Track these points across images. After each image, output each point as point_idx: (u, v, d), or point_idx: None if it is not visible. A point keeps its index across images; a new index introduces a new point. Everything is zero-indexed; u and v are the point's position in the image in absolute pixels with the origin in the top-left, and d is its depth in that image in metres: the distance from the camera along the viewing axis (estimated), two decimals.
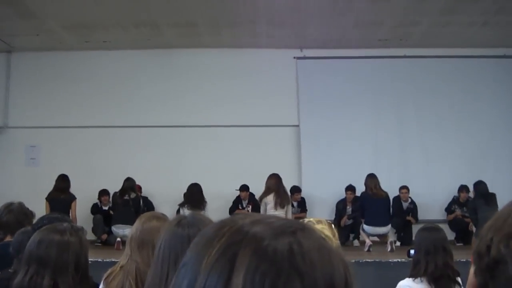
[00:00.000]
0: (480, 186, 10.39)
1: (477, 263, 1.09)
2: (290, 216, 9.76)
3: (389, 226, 10.06)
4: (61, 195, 9.87)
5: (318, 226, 2.68)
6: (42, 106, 11.93)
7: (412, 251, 4.05)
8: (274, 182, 9.95)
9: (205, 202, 10.25)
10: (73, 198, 9.92)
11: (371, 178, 10.24)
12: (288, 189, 10.48)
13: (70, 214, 9.61)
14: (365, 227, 9.95)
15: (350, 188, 10.98)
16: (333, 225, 2.97)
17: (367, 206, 10.03)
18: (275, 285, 0.72)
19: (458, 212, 11.07)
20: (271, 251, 0.75)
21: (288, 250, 0.75)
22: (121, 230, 9.89)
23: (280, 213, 9.51)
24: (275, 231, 0.78)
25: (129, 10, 10.05)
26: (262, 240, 0.76)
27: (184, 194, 10.46)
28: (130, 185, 10.50)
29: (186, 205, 10.09)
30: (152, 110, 11.91)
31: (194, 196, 10.23)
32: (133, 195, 10.42)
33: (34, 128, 11.90)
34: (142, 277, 2.59)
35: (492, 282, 1.05)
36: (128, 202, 10.30)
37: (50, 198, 9.80)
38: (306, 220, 2.82)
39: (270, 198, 9.76)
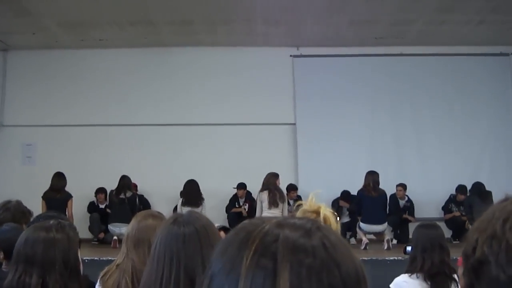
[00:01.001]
0: (476, 184, 10.47)
1: (464, 264, 1.11)
2: (286, 214, 9.75)
3: (386, 224, 10.07)
4: (57, 194, 9.82)
5: (322, 204, 2.67)
6: (38, 104, 11.92)
7: (409, 248, 4.06)
8: (270, 181, 9.93)
9: (202, 198, 10.24)
10: (69, 196, 9.87)
11: (372, 175, 10.19)
12: (284, 187, 10.48)
13: (67, 213, 9.58)
14: (362, 225, 9.94)
15: (343, 197, 11.01)
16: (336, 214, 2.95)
17: (364, 203, 10.02)
18: (320, 276, 0.80)
19: (456, 212, 11.09)
20: (310, 247, 0.82)
21: (323, 245, 0.83)
22: (118, 229, 9.87)
23: (274, 212, 9.49)
24: (304, 230, 0.85)
25: (125, 8, 10.03)
26: (297, 238, 0.83)
27: (181, 192, 10.45)
28: (125, 183, 10.48)
29: (185, 204, 10.03)
30: (149, 108, 11.91)
31: (191, 193, 10.22)
32: (128, 194, 10.39)
33: (30, 126, 11.88)
34: (138, 276, 2.58)
35: (478, 282, 1.07)
36: (124, 201, 10.28)
37: (46, 197, 9.77)
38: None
39: (265, 196, 9.74)
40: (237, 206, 11.14)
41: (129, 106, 11.91)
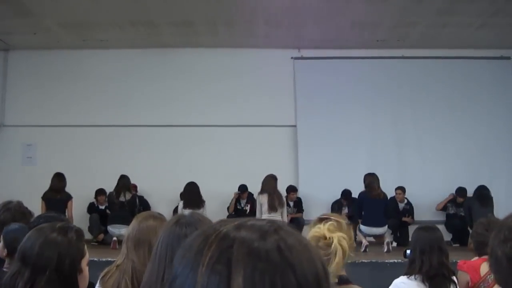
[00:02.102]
0: (479, 188, 10.42)
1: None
2: (285, 218, 9.75)
3: (386, 227, 10.06)
4: (57, 195, 9.79)
5: (339, 234, 2.66)
6: (39, 104, 11.93)
7: (408, 252, 4.06)
8: (269, 184, 9.92)
9: (203, 201, 10.22)
10: (69, 197, 9.85)
11: (371, 177, 10.15)
12: (284, 188, 10.48)
13: (67, 214, 9.58)
14: (362, 227, 9.92)
15: (345, 195, 11.03)
16: (351, 227, 2.96)
17: (365, 206, 10.01)
18: (273, 280, 0.79)
19: (450, 210, 11.19)
20: (264, 250, 0.81)
21: (277, 247, 0.82)
22: (117, 230, 9.88)
23: (274, 215, 9.48)
24: (260, 233, 0.85)
25: (126, 9, 10.04)
26: (252, 242, 0.83)
27: (181, 194, 10.44)
28: (125, 184, 10.43)
29: (186, 207, 9.99)
30: (149, 109, 11.91)
31: (191, 195, 10.20)
32: (128, 196, 10.35)
33: (31, 126, 11.89)
34: (138, 276, 2.58)
35: None
36: (123, 203, 10.27)
37: (46, 198, 9.74)
38: (326, 217, 2.82)
39: (264, 200, 9.72)
40: (238, 207, 11.15)
41: (129, 107, 11.91)
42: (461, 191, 10.94)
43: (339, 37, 11.40)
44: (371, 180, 10.07)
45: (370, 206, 9.90)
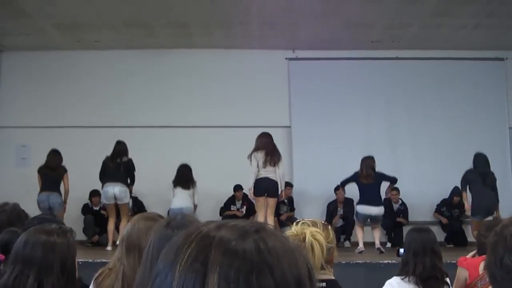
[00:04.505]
0: (479, 159, 9.84)
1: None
2: (281, 173, 9.35)
3: (382, 207, 9.72)
4: (52, 172, 9.64)
5: (312, 229, 2.68)
6: (33, 105, 11.90)
7: (401, 250, 4.08)
8: (265, 141, 9.38)
9: (194, 182, 9.97)
10: (64, 171, 9.69)
11: (363, 162, 9.75)
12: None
13: (63, 187, 9.55)
14: (358, 208, 9.65)
15: (338, 188, 10.98)
16: (329, 227, 2.96)
17: (360, 187, 9.70)
18: (248, 279, 0.79)
19: (443, 218, 11.18)
20: (241, 250, 0.82)
21: (256, 247, 0.83)
22: (111, 188, 9.51)
23: (270, 170, 9.17)
24: (240, 232, 0.85)
25: (120, 10, 10.04)
26: (230, 241, 0.83)
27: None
28: (121, 149, 10.00)
29: (176, 186, 9.83)
30: (144, 110, 11.90)
31: (182, 176, 9.96)
32: (125, 159, 9.90)
33: (25, 127, 11.86)
34: (128, 282, 2.59)
35: None
36: (119, 165, 9.78)
37: (42, 173, 9.62)
38: (301, 221, 2.82)
39: (260, 156, 9.16)
40: (233, 209, 11.16)
41: (124, 108, 11.91)
42: (457, 191, 10.88)
43: (334, 38, 11.42)
44: (361, 165, 9.72)
45: (364, 187, 9.68)
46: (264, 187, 9.01)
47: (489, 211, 9.23)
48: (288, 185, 10.91)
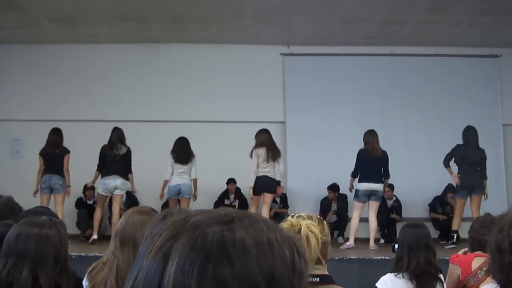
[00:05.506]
0: (469, 135, 9.82)
1: (496, 259, 1.08)
2: (282, 168, 9.54)
3: (382, 185, 9.68)
4: (55, 149, 9.55)
5: (307, 221, 2.69)
6: (27, 99, 11.86)
7: (397, 246, 4.08)
8: (266, 137, 9.59)
9: (193, 155, 9.95)
10: (66, 151, 9.67)
11: (370, 134, 9.75)
12: None
13: (63, 167, 9.52)
14: (359, 185, 9.57)
15: (331, 188, 11.00)
16: (324, 222, 2.97)
17: (363, 164, 9.59)
18: (203, 271, 0.76)
19: (440, 215, 11.21)
20: (201, 239, 0.79)
21: (219, 238, 0.79)
22: (113, 181, 9.51)
23: (269, 167, 9.30)
24: (211, 220, 0.82)
25: (115, 4, 10.02)
26: (196, 229, 0.81)
27: (171, 150, 10.06)
28: (118, 135, 9.90)
29: (175, 160, 9.77)
30: (138, 104, 11.88)
31: (181, 150, 9.89)
32: (123, 150, 9.79)
33: (19, 121, 11.84)
34: (122, 275, 2.58)
35: None
36: (120, 157, 9.70)
37: (44, 153, 9.53)
38: (296, 215, 2.82)
39: (262, 152, 9.39)
40: (226, 203, 11.15)
41: (119, 102, 11.88)
42: (450, 188, 10.91)
43: (329, 34, 11.42)
44: (369, 138, 9.71)
45: (368, 163, 9.58)
46: (263, 186, 9.25)
47: (472, 188, 9.28)
48: (278, 184, 10.91)
